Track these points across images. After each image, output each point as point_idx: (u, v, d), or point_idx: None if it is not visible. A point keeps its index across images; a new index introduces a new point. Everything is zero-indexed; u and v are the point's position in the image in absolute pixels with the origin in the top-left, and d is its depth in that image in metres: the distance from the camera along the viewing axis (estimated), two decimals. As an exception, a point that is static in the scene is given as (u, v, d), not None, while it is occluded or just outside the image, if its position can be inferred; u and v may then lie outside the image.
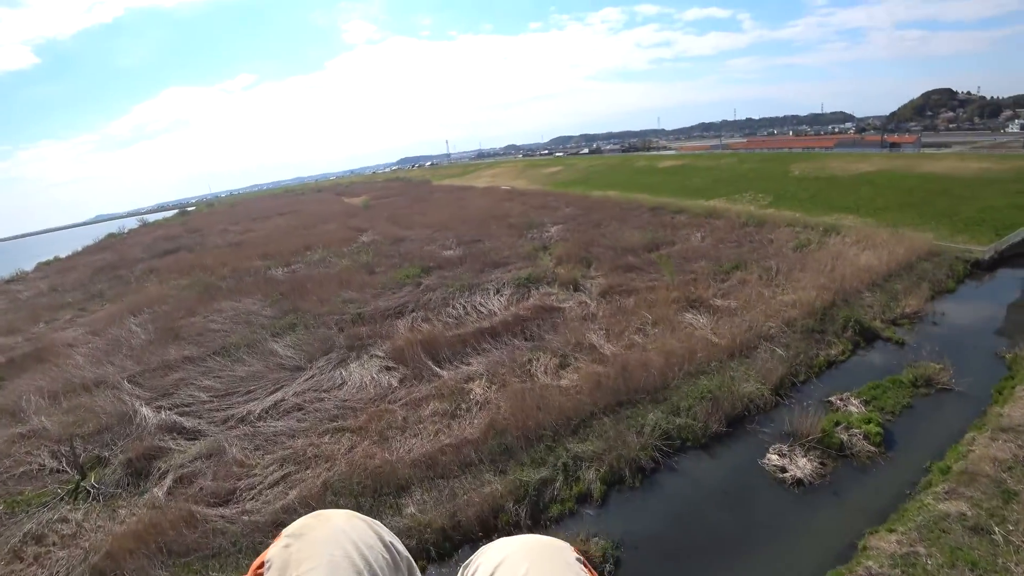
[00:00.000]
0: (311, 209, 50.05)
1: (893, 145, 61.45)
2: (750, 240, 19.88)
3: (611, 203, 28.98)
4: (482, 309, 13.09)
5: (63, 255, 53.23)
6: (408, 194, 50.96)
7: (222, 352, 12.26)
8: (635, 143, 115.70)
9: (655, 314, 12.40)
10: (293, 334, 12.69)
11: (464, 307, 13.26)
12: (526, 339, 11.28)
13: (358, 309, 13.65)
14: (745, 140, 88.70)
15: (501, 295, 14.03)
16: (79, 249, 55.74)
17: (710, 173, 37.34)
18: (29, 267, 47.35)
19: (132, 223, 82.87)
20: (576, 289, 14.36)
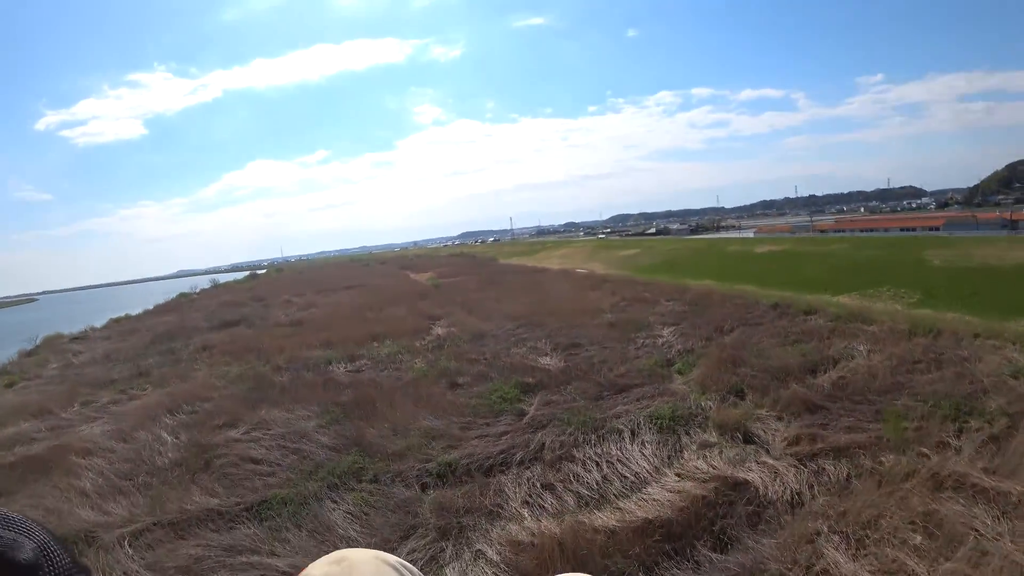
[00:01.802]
0: (376, 284, 48.60)
1: (1014, 223, 54.77)
2: (945, 360, 14.78)
3: (718, 296, 24.71)
4: (624, 471, 8.98)
5: (135, 311, 54.60)
6: (476, 273, 48.61)
7: (259, 511, 8.68)
8: (702, 222, 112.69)
9: (902, 504, 7.85)
10: (357, 490, 8.98)
11: (597, 463, 9.19)
12: (721, 549, 7.01)
13: (445, 453, 9.88)
14: (833, 220, 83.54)
15: (642, 443, 9.90)
16: (150, 307, 57.01)
17: (823, 261, 32.80)
18: (101, 321, 48.45)
19: (205, 282, 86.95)
20: (747, 440, 10.05)
